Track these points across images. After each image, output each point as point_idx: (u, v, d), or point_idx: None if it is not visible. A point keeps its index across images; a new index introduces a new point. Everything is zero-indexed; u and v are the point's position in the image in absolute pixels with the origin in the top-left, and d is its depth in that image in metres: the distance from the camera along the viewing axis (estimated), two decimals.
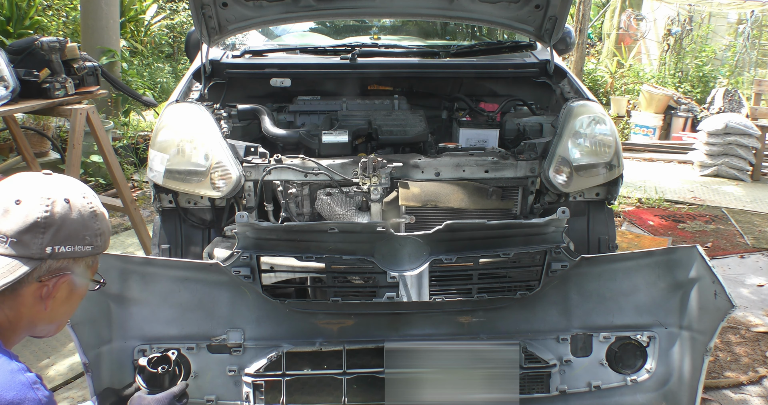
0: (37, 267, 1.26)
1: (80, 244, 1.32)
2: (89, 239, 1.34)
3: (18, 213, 1.26)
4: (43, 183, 1.33)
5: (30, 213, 1.26)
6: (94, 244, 1.35)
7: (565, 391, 2.24)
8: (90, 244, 1.34)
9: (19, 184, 1.32)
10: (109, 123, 5.81)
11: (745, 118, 7.09)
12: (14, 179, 1.34)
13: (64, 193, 1.33)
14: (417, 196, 2.50)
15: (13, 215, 1.25)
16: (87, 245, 1.33)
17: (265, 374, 2.16)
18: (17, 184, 1.32)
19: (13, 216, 1.25)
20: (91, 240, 1.34)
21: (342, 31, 4.34)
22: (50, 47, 3.45)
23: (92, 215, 1.36)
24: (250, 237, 2.10)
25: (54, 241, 1.28)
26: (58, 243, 1.28)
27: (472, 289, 2.20)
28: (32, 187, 1.31)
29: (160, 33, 10.34)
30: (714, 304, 2.04)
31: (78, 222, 1.32)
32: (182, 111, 2.57)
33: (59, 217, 1.29)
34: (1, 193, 1.29)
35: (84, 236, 1.33)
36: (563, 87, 3.03)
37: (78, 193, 1.36)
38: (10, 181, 1.34)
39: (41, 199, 1.28)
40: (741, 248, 4.72)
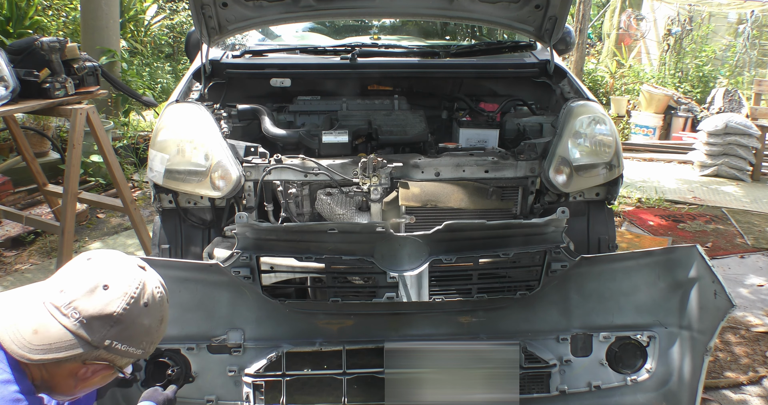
0: (89, 351, 1.31)
1: (135, 347, 1.37)
2: (144, 345, 1.40)
3: (101, 299, 1.31)
4: (134, 276, 1.38)
5: (110, 304, 1.31)
6: (145, 350, 1.41)
7: (565, 391, 2.24)
8: (143, 348, 1.40)
9: (115, 268, 1.37)
10: (109, 123, 5.81)
11: (745, 118, 7.08)
12: (112, 259, 1.39)
13: (148, 295, 1.38)
14: (417, 196, 2.50)
15: (96, 298, 1.31)
16: (140, 349, 1.39)
17: (265, 374, 2.16)
18: (113, 267, 1.37)
19: (95, 299, 1.31)
20: (146, 346, 1.41)
21: (342, 31, 4.34)
22: (50, 47, 3.45)
23: (159, 323, 1.42)
24: (250, 237, 2.10)
25: (116, 337, 1.33)
26: (119, 340, 1.33)
27: (472, 289, 2.20)
28: (124, 277, 1.36)
29: (160, 33, 10.34)
30: (714, 303, 2.04)
31: (144, 328, 1.37)
32: (182, 111, 2.57)
33: (132, 318, 1.34)
34: (95, 270, 1.34)
35: (142, 341, 1.39)
36: (563, 87, 3.03)
37: (158, 297, 1.41)
38: (107, 259, 1.38)
39: (126, 295, 1.33)
40: (741, 248, 4.72)
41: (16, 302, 1.34)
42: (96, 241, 4.58)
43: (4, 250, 4.34)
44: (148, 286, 1.39)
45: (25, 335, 1.28)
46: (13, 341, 1.27)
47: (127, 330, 1.33)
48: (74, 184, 3.57)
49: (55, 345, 1.28)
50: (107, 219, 5.01)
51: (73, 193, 3.59)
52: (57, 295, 1.31)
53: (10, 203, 4.67)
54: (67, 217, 3.58)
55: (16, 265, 4.14)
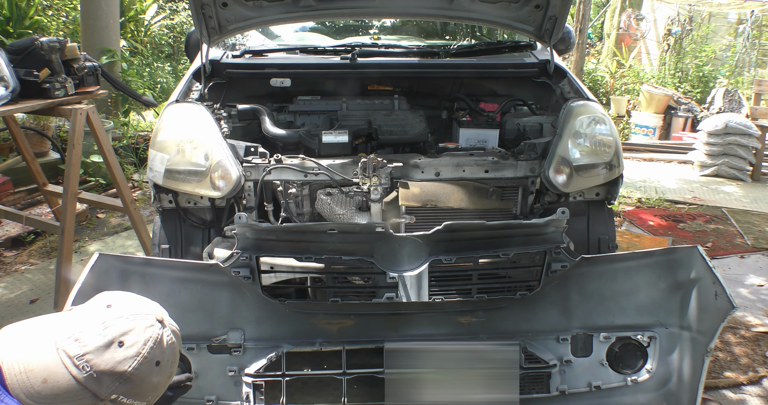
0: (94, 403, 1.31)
1: (140, 400, 1.38)
2: (150, 398, 1.40)
3: (115, 355, 1.31)
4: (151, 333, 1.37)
5: (124, 362, 1.32)
6: (149, 402, 1.41)
7: (565, 392, 2.24)
8: (147, 401, 1.40)
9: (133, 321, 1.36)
10: (109, 123, 5.81)
11: (745, 118, 7.08)
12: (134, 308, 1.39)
13: (160, 352, 1.38)
14: (417, 196, 2.50)
15: (110, 354, 1.31)
16: (144, 402, 1.39)
17: (265, 374, 2.16)
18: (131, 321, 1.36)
19: (109, 355, 1.31)
20: (151, 399, 1.41)
21: (342, 31, 4.34)
22: (50, 47, 3.45)
23: (167, 379, 1.43)
24: (250, 238, 2.10)
25: (124, 393, 1.33)
26: (126, 395, 1.34)
27: (472, 289, 2.20)
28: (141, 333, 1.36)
29: (160, 33, 10.34)
30: (714, 304, 2.04)
31: (152, 384, 1.38)
32: (182, 111, 2.57)
33: (143, 377, 1.35)
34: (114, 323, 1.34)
35: (148, 395, 1.39)
36: (563, 87, 3.03)
37: (171, 358, 1.41)
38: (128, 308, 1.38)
39: (139, 355, 1.33)
40: (741, 248, 4.72)
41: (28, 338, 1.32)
42: (96, 241, 4.58)
43: (4, 250, 4.34)
44: (162, 343, 1.39)
45: (35, 384, 1.27)
46: (21, 388, 1.27)
47: (136, 387, 1.34)
48: (74, 184, 3.57)
49: (62, 396, 1.28)
50: (107, 219, 5.01)
51: (73, 193, 3.59)
52: (72, 344, 1.30)
53: (10, 203, 4.68)
54: (67, 217, 3.58)
55: (16, 265, 4.14)
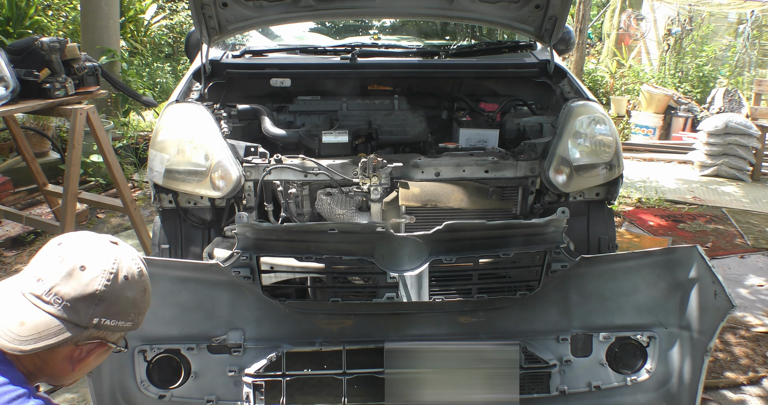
0: (79, 333, 1.31)
1: (124, 320, 1.38)
2: (133, 316, 1.40)
3: (80, 280, 1.30)
4: (109, 253, 1.37)
5: (91, 283, 1.31)
6: (134, 321, 1.42)
7: (565, 391, 2.24)
8: (132, 320, 1.40)
9: (88, 248, 1.36)
10: (109, 123, 5.81)
11: (745, 118, 7.09)
12: (84, 240, 1.38)
13: (126, 268, 1.37)
14: (417, 196, 2.50)
15: (75, 281, 1.30)
16: (129, 321, 1.39)
17: (265, 374, 2.16)
18: (86, 247, 1.36)
19: (75, 281, 1.30)
20: (134, 317, 1.41)
21: (342, 31, 4.34)
22: (50, 47, 3.45)
23: (142, 294, 1.42)
24: (250, 237, 2.10)
25: (103, 314, 1.33)
26: (107, 316, 1.33)
27: (472, 289, 2.20)
28: (99, 255, 1.35)
29: (160, 33, 10.33)
30: (714, 304, 2.04)
31: (129, 300, 1.37)
32: (182, 111, 2.57)
33: (116, 293, 1.34)
34: (69, 253, 1.33)
35: (130, 313, 1.39)
36: (563, 87, 3.03)
37: (137, 270, 1.41)
38: (80, 240, 1.38)
39: (104, 272, 1.33)
40: (741, 248, 4.72)
41: None
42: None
43: (4, 250, 4.34)
44: (124, 260, 1.38)
45: (13, 329, 1.28)
46: (2, 337, 1.27)
47: (112, 306, 1.33)
48: (74, 184, 3.57)
49: (44, 332, 1.27)
50: (107, 219, 5.01)
51: (73, 193, 3.59)
52: (36, 285, 1.30)
53: (10, 203, 4.67)
54: (67, 217, 3.58)
55: (16, 265, 4.14)
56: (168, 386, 2.16)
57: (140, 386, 2.14)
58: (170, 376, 2.17)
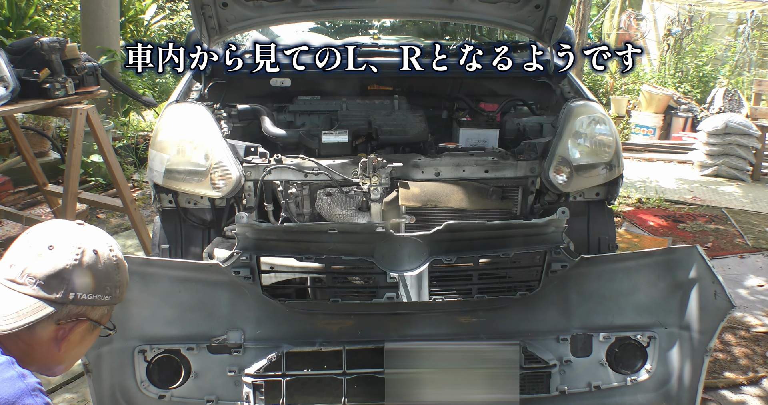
0: (58, 310, 1.33)
1: (101, 294, 1.39)
2: (109, 290, 1.42)
3: (50, 258, 1.33)
4: (75, 232, 1.41)
5: (60, 260, 1.33)
6: (113, 295, 1.43)
7: (565, 392, 2.24)
8: (109, 294, 1.42)
9: (54, 230, 1.40)
10: (109, 123, 5.81)
11: (745, 118, 7.09)
12: (50, 225, 1.43)
13: (94, 244, 1.40)
14: (417, 196, 2.50)
15: (44, 259, 1.33)
16: (107, 295, 1.41)
17: (265, 374, 2.16)
18: (52, 230, 1.40)
19: (44, 260, 1.33)
20: (111, 290, 1.42)
21: (342, 31, 4.34)
22: (50, 47, 3.45)
23: (115, 267, 1.44)
24: (250, 237, 2.10)
25: (78, 289, 1.35)
26: (81, 291, 1.36)
27: (472, 289, 2.20)
28: (65, 235, 1.39)
29: (160, 33, 10.33)
30: (714, 304, 2.04)
31: (102, 273, 1.39)
32: (182, 111, 2.57)
33: (87, 267, 1.36)
34: (37, 237, 1.37)
35: (105, 286, 1.40)
36: (563, 87, 3.03)
37: (105, 245, 1.43)
38: (46, 226, 1.42)
39: (72, 247, 1.36)
40: (741, 248, 4.72)
41: None
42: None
43: (4, 250, 4.33)
44: (91, 237, 1.42)
45: None
46: None
47: (86, 280, 1.36)
48: (74, 184, 3.57)
49: (22, 312, 1.29)
50: (107, 219, 5.01)
51: (73, 193, 3.59)
52: (9, 270, 1.34)
53: (10, 203, 4.67)
54: (67, 217, 3.58)
55: None
56: (168, 386, 2.16)
57: (140, 386, 2.14)
58: (170, 376, 2.17)
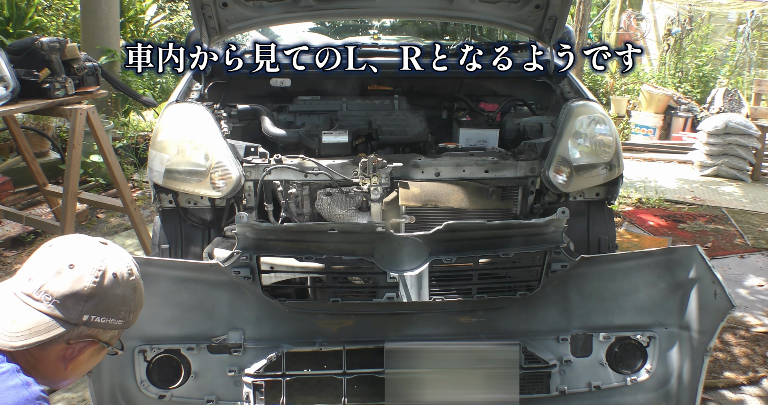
0: (70, 330, 1.32)
1: (114, 318, 1.39)
2: (123, 314, 1.41)
3: (69, 277, 1.33)
4: (97, 252, 1.40)
5: (80, 281, 1.33)
6: (126, 319, 1.42)
7: (565, 391, 2.24)
8: (123, 318, 1.41)
9: (76, 248, 1.39)
10: (109, 123, 5.81)
11: (745, 118, 7.09)
12: (74, 241, 1.42)
13: (115, 266, 1.39)
14: (417, 196, 2.50)
15: (64, 278, 1.32)
16: (120, 319, 1.40)
17: (265, 374, 2.16)
18: (74, 247, 1.39)
19: (63, 279, 1.32)
20: (125, 315, 1.42)
21: (342, 31, 4.34)
22: (50, 47, 3.45)
23: (132, 292, 1.43)
24: (250, 238, 2.10)
25: (93, 311, 1.34)
26: (96, 313, 1.35)
27: (472, 289, 2.20)
28: (88, 254, 1.38)
29: (160, 33, 10.33)
30: (714, 304, 2.04)
31: (119, 298, 1.39)
32: (182, 111, 2.57)
33: (104, 290, 1.36)
34: (58, 253, 1.36)
35: (120, 311, 1.40)
36: (563, 87, 3.03)
37: (126, 269, 1.42)
38: (68, 241, 1.41)
39: (93, 269, 1.35)
40: (741, 248, 4.72)
41: None
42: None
43: (4, 250, 4.34)
44: (112, 259, 1.40)
45: (5, 326, 1.30)
46: None
47: (101, 303, 1.35)
48: (74, 184, 3.57)
49: (34, 329, 1.29)
50: (107, 219, 5.01)
51: (73, 193, 3.59)
52: (26, 284, 1.33)
53: (10, 203, 4.67)
54: (67, 217, 3.58)
55: (16, 265, 4.14)
56: (168, 386, 2.16)
57: (140, 386, 2.14)
58: (170, 376, 2.17)
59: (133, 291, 1.43)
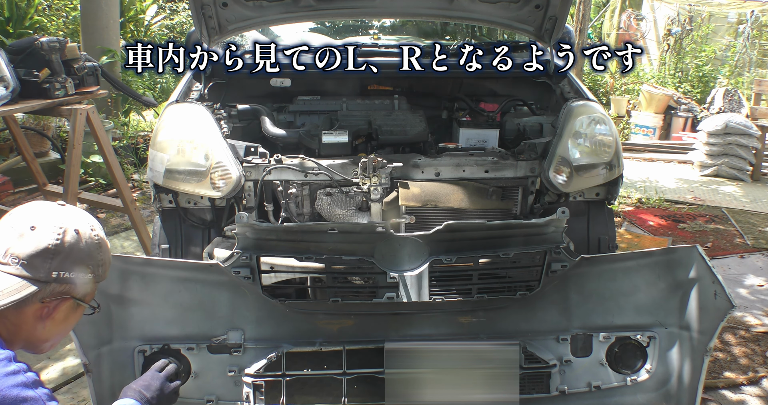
0: (42, 289, 1.37)
1: (83, 272, 1.43)
2: (92, 268, 1.46)
3: (32, 238, 1.37)
4: (57, 212, 1.44)
5: (43, 239, 1.37)
6: (95, 273, 1.47)
7: (565, 392, 2.24)
8: (92, 272, 1.46)
9: (36, 211, 1.43)
10: (109, 123, 5.81)
11: (745, 118, 7.09)
12: (31, 206, 1.46)
13: (75, 223, 1.44)
14: (417, 196, 2.50)
15: (27, 240, 1.36)
16: (89, 273, 1.45)
17: (265, 374, 2.16)
18: (34, 211, 1.43)
19: (27, 240, 1.36)
20: (94, 269, 1.46)
21: (342, 31, 4.34)
22: (50, 47, 3.45)
23: (97, 246, 1.47)
24: (250, 238, 2.10)
25: (60, 267, 1.38)
26: (64, 269, 1.39)
27: (472, 289, 2.20)
28: (47, 215, 1.42)
29: (160, 33, 10.33)
30: (714, 304, 2.04)
31: (84, 251, 1.43)
32: (182, 111, 2.57)
33: (68, 245, 1.40)
34: (19, 218, 1.41)
35: (87, 264, 1.44)
36: (563, 87, 3.03)
37: (87, 225, 1.47)
38: (27, 207, 1.46)
39: (54, 227, 1.40)
40: (741, 248, 4.72)
41: None
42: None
43: None
44: (72, 216, 1.45)
45: None
46: None
47: (68, 258, 1.39)
48: (74, 184, 3.57)
49: (5, 291, 1.33)
50: (107, 219, 5.01)
51: (73, 193, 3.59)
52: None
53: (10, 203, 4.67)
54: None
55: None
56: None
57: None
58: None
59: (98, 247, 1.47)
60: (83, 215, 1.49)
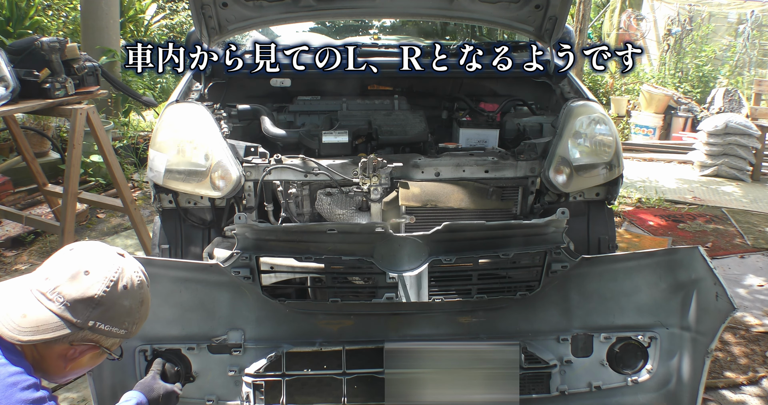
0: (74, 333, 1.39)
1: (118, 327, 1.46)
2: (127, 325, 1.48)
3: (82, 283, 1.40)
4: (114, 263, 1.47)
5: (91, 287, 1.41)
6: (129, 330, 1.50)
7: (565, 392, 2.24)
8: (126, 329, 1.49)
9: (95, 255, 1.46)
10: (109, 123, 5.81)
11: (745, 118, 7.09)
12: (93, 248, 1.49)
13: (126, 278, 1.47)
14: (417, 196, 2.50)
15: (77, 283, 1.40)
16: (123, 329, 1.48)
17: (265, 374, 2.16)
18: (93, 255, 1.46)
19: (77, 284, 1.40)
20: (129, 326, 1.49)
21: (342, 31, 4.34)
22: (50, 47, 3.45)
23: (139, 305, 1.50)
24: (250, 238, 2.09)
25: (99, 318, 1.41)
26: (102, 320, 1.42)
27: (472, 289, 2.19)
28: (104, 263, 1.45)
29: (160, 33, 10.33)
30: (715, 305, 2.04)
31: (125, 309, 1.46)
32: (182, 111, 2.57)
33: (113, 299, 1.43)
34: (77, 258, 1.44)
35: (124, 321, 1.47)
36: (563, 87, 3.03)
37: (137, 281, 1.50)
38: (88, 247, 1.49)
39: (106, 278, 1.43)
40: (741, 248, 4.72)
41: (6, 293, 1.43)
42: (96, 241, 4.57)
43: (4, 250, 4.34)
44: (126, 270, 1.47)
45: (15, 319, 1.37)
46: (4, 326, 1.36)
47: (108, 311, 1.42)
48: (74, 184, 3.57)
49: (42, 327, 1.36)
50: (107, 219, 5.01)
51: (73, 193, 3.59)
52: (42, 283, 1.40)
53: (10, 203, 4.67)
54: (67, 217, 3.58)
55: (16, 265, 4.14)
56: None
57: None
58: None
59: (140, 304, 1.50)
60: (137, 271, 1.51)
